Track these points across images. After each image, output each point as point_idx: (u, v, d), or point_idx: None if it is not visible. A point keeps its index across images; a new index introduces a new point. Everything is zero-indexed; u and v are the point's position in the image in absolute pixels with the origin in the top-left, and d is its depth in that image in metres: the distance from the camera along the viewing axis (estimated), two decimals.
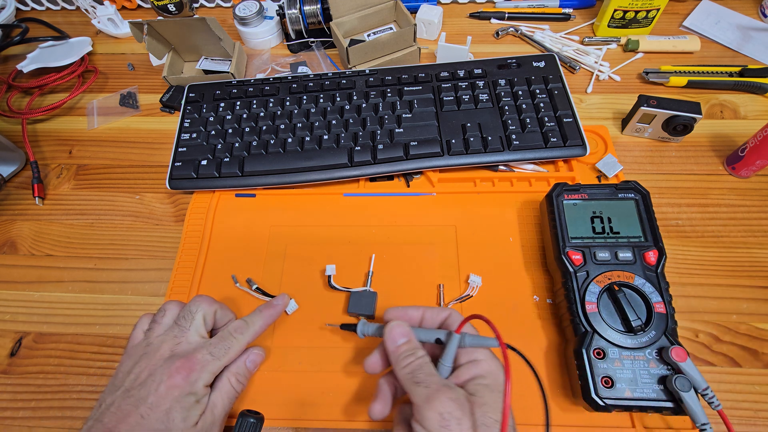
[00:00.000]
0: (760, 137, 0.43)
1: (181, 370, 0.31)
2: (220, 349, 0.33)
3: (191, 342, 0.33)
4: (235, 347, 0.34)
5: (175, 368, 0.31)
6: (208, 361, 0.32)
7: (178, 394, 0.30)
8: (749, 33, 0.59)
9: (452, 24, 0.64)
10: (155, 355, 0.32)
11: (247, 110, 0.50)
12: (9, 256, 0.47)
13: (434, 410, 0.26)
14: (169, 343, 0.32)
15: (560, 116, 0.47)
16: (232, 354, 0.34)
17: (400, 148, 0.46)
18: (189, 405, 0.30)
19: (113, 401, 0.30)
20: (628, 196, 0.40)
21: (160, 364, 0.31)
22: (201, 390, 0.31)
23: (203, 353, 0.32)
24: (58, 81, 0.59)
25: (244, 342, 0.35)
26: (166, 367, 0.31)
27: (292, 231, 0.45)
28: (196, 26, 0.54)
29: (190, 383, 0.31)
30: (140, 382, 0.30)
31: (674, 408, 0.31)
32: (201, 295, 0.36)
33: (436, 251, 0.43)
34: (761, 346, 0.38)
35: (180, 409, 0.30)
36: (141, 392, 0.30)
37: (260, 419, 0.34)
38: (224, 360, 0.33)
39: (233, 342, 0.34)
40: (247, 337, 0.35)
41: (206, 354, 0.32)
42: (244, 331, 0.35)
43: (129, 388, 0.30)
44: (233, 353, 0.34)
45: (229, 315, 0.37)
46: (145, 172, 0.52)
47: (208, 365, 0.32)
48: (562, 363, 0.37)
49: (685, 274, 0.42)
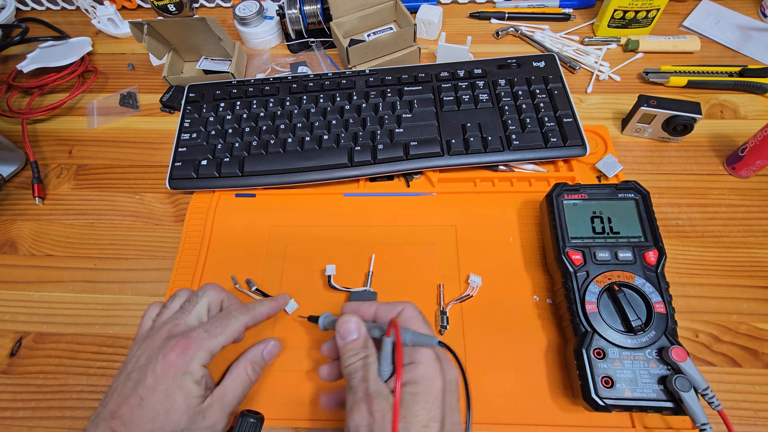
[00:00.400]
0: (760, 137, 0.43)
1: (176, 347, 0.30)
2: (217, 327, 0.32)
3: (189, 324, 0.32)
4: (233, 326, 0.33)
5: (170, 347, 0.30)
6: (204, 338, 0.31)
7: (173, 373, 0.29)
8: (749, 33, 0.59)
9: (452, 24, 0.64)
10: (155, 337, 0.31)
11: (247, 110, 0.50)
12: (9, 256, 0.47)
13: (352, 420, 0.27)
14: (169, 325, 0.32)
15: (560, 116, 0.47)
16: (229, 333, 0.32)
17: (400, 148, 0.46)
18: (188, 386, 0.30)
19: (116, 386, 0.30)
20: (628, 196, 0.40)
21: (158, 344, 0.31)
22: (198, 370, 0.30)
23: (198, 331, 0.31)
24: (58, 81, 0.59)
25: (242, 322, 0.33)
26: (162, 347, 0.30)
27: (292, 231, 0.45)
28: (196, 26, 0.54)
29: (186, 361, 0.30)
30: (140, 365, 0.30)
31: (674, 408, 0.31)
32: (210, 283, 0.35)
33: (436, 251, 0.43)
34: (761, 346, 0.38)
35: (178, 389, 0.29)
36: (140, 374, 0.30)
37: (260, 419, 0.34)
38: (221, 339, 0.32)
39: (231, 320, 0.33)
40: (247, 318, 0.34)
41: (201, 332, 0.31)
42: (244, 313, 0.34)
43: (130, 371, 0.30)
44: (230, 332, 0.32)
45: (258, 317, 0.36)
46: (145, 172, 0.52)
47: (204, 343, 0.31)
48: (562, 363, 0.37)
49: (685, 274, 0.42)
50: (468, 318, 0.39)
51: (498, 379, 0.37)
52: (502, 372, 0.37)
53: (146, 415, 0.28)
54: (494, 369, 0.37)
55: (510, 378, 0.37)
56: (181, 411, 0.29)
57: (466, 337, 0.39)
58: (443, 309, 0.40)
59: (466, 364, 0.37)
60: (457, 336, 0.39)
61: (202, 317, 0.33)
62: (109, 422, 0.28)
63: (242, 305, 0.35)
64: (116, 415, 0.28)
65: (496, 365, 0.37)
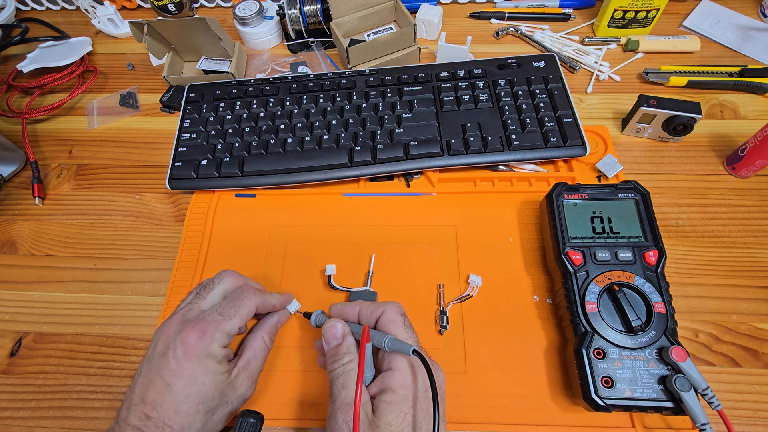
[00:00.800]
0: (760, 137, 0.43)
1: (192, 332, 0.30)
2: (230, 309, 0.32)
3: (202, 308, 0.33)
4: (246, 306, 0.33)
5: (186, 332, 0.30)
6: (219, 321, 0.31)
7: (195, 357, 0.30)
8: (749, 33, 0.59)
9: (452, 24, 0.64)
10: (169, 323, 0.32)
11: (247, 110, 0.50)
12: (9, 256, 0.47)
13: (330, 429, 0.28)
14: (183, 310, 0.33)
15: (560, 116, 0.47)
16: (242, 313, 0.33)
17: (400, 148, 0.46)
18: (213, 367, 0.30)
19: (141, 371, 0.31)
20: (628, 196, 0.40)
21: (174, 330, 0.31)
22: (219, 352, 0.31)
23: (212, 314, 0.32)
24: (58, 81, 0.59)
25: (254, 302, 0.34)
26: (178, 332, 0.31)
27: (292, 231, 0.45)
28: (196, 26, 0.54)
29: (205, 345, 0.30)
30: (159, 351, 0.31)
31: (674, 408, 0.31)
32: (228, 270, 0.36)
33: (436, 251, 0.43)
34: (761, 346, 0.38)
35: (203, 372, 0.30)
36: (160, 361, 0.30)
37: (260, 419, 0.34)
38: (236, 320, 0.32)
39: (243, 301, 0.33)
40: (258, 299, 0.34)
41: (215, 315, 0.32)
42: (257, 294, 0.34)
43: (150, 357, 0.31)
44: (244, 312, 0.33)
45: (271, 300, 0.37)
46: (145, 172, 0.52)
47: (220, 325, 0.31)
48: (562, 363, 0.37)
49: (685, 274, 0.42)
50: (468, 318, 0.39)
51: (498, 379, 0.37)
52: (502, 372, 0.37)
53: (176, 397, 0.29)
54: (494, 369, 0.37)
55: (510, 378, 0.37)
56: (212, 389, 0.30)
57: (466, 337, 0.39)
58: (443, 309, 0.40)
59: (467, 364, 0.38)
60: (457, 336, 0.39)
61: (216, 303, 0.34)
62: (141, 407, 0.29)
63: (253, 287, 0.35)
64: (146, 401, 0.29)
65: (496, 365, 0.37)
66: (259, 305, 0.35)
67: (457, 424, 0.35)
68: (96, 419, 0.38)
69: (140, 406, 0.29)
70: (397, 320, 0.31)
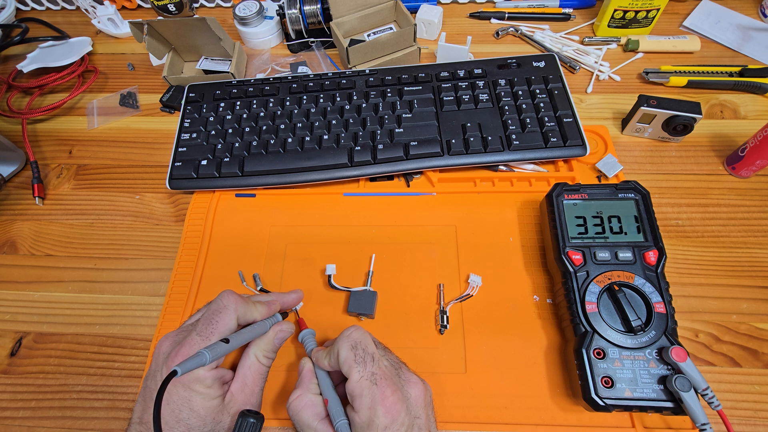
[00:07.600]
0: (760, 137, 0.43)
1: (176, 357, 0.30)
2: (206, 328, 0.31)
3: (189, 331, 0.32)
4: (222, 322, 0.32)
5: (171, 357, 0.30)
6: (197, 342, 0.30)
7: (181, 383, 0.30)
8: (749, 33, 0.59)
9: (452, 24, 0.64)
10: (165, 341, 0.32)
11: (247, 110, 0.50)
12: (9, 256, 0.47)
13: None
14: (182, 328, 0.33)
15: (560, 116, 0.47)
16: (220, 331, 0.31)
17: (400, 148, 0.46)
18: (202, 391, 0.30)
19: (142, 390, 0.32)
20: (628, 196, 0.40)
21: (163, 350, 0.32)
22: (205, 375, 0.30)
23: (191, 336, 0.31)
24: (58, 81, 0.59)
25: (230, 317, 0.32)
26: (167, 354, 0.31)
27: (292, 231, 0.45)
28: (196, 26, 0.54)
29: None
30: (152, 371, 0.32)
31: (674, 408, 0.31)
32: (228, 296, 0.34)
33: (436, 251, 0.43)
34: (761, 346, 0.38)
35: (194, 396, 0.30)
36: (153, 384, 0.31)
37: (260, 419, 0.34)
38: (214, 338, 0.31)
39: (219, 316, 0.32)
40: (240, 310, 0.33)
41: (194, 336, 0.31)
42: (236, 304, 0.33)
43: (148, 374, 0.32)
44: (221, 330, 0.31)
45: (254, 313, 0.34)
46: (145, 172, 0.52)
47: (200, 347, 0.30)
48: (562, 363, 0.37)
49: (685, 274, 0.42)
50: (468, 318, 0.39)
51: (498, 379, 0.37)
52: (502, 372, 0.37)
53: (168, 422, 0.29)
54: (494, 369, 0.37)
55: (510, 378, 0.37)
56: (204, 414, 0.30)
57: (466, 336, 0.39)
58: (443, 309, 0.40)
59: (467, 364, 0.38)
60: (457, 335, 0.39)
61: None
62: (138, 427, 0.30)
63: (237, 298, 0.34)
64: (143, 421, 0.30)
65: (496, 365, 0.37)
66: (240, 317, 0.33)
67: (457, 423, 0.35)
68: (96, 419, 0.38)
69: (139, 425, 0.30)
70: (348, 359, 0.30)
